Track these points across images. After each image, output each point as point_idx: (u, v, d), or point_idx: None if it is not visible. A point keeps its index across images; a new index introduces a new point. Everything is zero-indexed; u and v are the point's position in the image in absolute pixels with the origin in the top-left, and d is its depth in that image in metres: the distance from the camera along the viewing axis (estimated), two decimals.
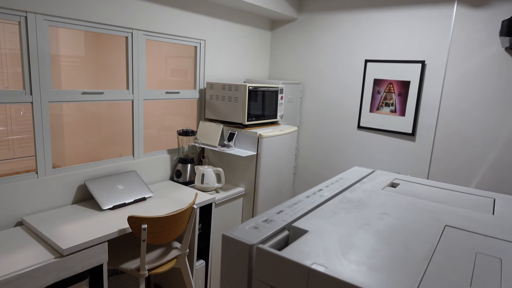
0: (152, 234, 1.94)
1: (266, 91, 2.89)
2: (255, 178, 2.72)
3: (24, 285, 1.53)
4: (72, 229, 1.86)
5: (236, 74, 3.38)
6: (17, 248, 1.71)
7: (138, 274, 1.96)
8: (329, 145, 3.49)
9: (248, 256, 0.88)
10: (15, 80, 3.36)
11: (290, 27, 3.61)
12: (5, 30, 3.30)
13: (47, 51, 2.00)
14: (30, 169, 2.08)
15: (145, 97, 2.58)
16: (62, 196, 2.17)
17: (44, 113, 2.04)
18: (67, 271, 1.69)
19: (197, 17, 2.85)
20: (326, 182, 1.40)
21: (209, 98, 2.93)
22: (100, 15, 2.20)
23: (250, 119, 2.76)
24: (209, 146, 2.80)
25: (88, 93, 2.24)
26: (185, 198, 2.43)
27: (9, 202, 1.94)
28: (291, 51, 3.63)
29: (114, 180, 2.34)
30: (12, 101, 1.90)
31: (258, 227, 0.96)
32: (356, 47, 3.22)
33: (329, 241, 0.91)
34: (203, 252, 2.61)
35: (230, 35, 3.21)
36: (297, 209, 1.10)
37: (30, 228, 1.91)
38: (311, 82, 3.54)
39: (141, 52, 2.49)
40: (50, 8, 1.96)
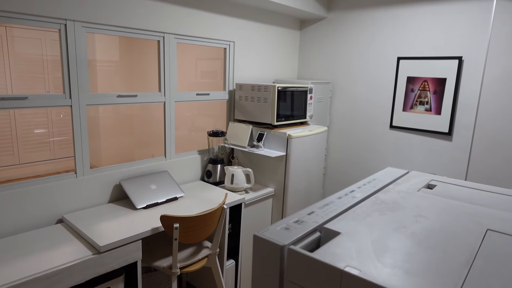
0: (184, 233, 1.97)
1: (295, 91, 2.87)
2: (284, 178, 2.71)
3: (64, 279, 1.61)
4: (109, 227, 1.94)
5: (265, 75, 3.38)
6: (58, 245, 1.80)
7: (170, 272, 2.01)
8: (360, 145, 3.41)
9: (280, 257, 0.87)
10: (55, 85, 3.55)
11: (319, 26, 3.57)
12: (47, 38, 3.49)
13: (85, 56, 2.10)
14: (70, 169, 2.18)
15: (176, 99, 2.64)
16: (99, 195, 2.27)
17: (82, 116, 2.14)
18: (104, 267, 1.75)
19: (226, 19, 2.88)
20: (358, 183, 1.37)
21: (238, 99, 2.95)
22: (134, 20, 2.28)
23: (279, 120, 2.76)
24: (238, 146, 2.82)
25: (123, 96, 2.32)
26: (215, 198, 2.46)
27: (51, 200, 2.05)
28: (321, 50, 3.59)
29: (147, 180, 2.41)
30: (53, 105, 2.01)
31: (289, 228, 0.95)
32: (388, 44, 3.13)
33: (362, 243, 0.89)
34: (233, 252, 2.63)
35: (259, 36, 3.22)
36: (328, 210, 1.08)
37: (70, 225, 2.01)
38: (341, 81, 3.48)
39: (172, 55, 2.55)
40: (87, 16, 2.05)
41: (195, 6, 2.63)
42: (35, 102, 1.93)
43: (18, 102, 1.87)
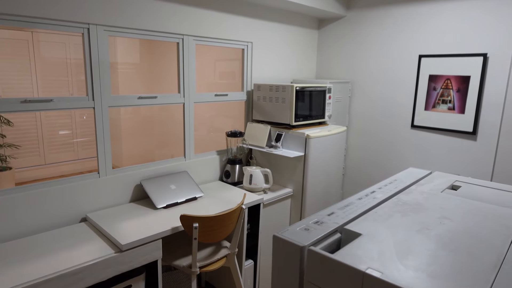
0: (203, 233, 1.99)
1: (314, 91, 2.85)
2: (303, 179, 2.69)
3: (87, 277, 1.65)
4: (130, 226, 1.97)
5: (283, 75, 3.38)
6: (82, 243, 1.85)
7: (190, 271, 2.03)
8: (380, 145, 3.36)
9: (299, 258, 0.87)
10: (79, 87, 3.66)
11: (338, 25, 3.53)
12: (70, 42, 3.60)
13: (107, 59, 2.15)
14: (93, 170, 2.24)
15: (195, 100, 2.67)
16: (120, 195, 2.31)
17: (105, 117, 2.19)
18: (125, 266, 1.79)
19: (244, 20, 2.89)
20: (379, 183, 1.35)
21: (256, 100, 2.96)
22: (154, 23, 2.31)
23: (297, 120, 2.74)
24: (256, 147, 2.82)
25: (143, 97, 2.36)
26: (234, 198, 2.47)
27: (75, 200, 2.11)
28: (339, 49, 3.55)
29: (167, 180, 2.44)
30: (77, 107, 2.06)
31: (309, 228, 0.95)
32: (409, 42, 3.06)
33: (384, 245, 0.88)
34: (252, 252, 2.63)
35: (277, 36, 3.21)
36: (349, 211, 1.07)
37: (93, 224, 2.06)
38: (361, 80, 3.43)
39: (191, 56, 2.58)
40: (109, 19, 2.10)
41: (214, 8, 2.65)
42: (60, 104, 1.99)
43: (44, 104, 1.93)
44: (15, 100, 1.83)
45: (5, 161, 3.28)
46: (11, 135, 3.44)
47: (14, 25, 1.80)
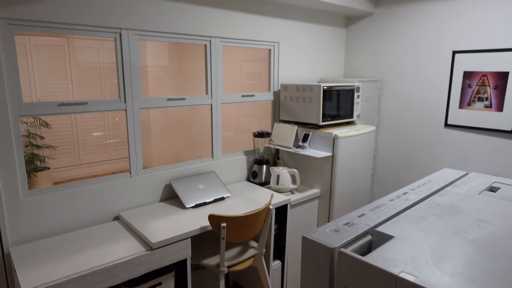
0: (231, 233, 2.01)
1: (342, 90, 2.80)
2: (331, 179, 2.66)
3: (120, 273, 1.71)
4: (160, 225, 2.02)
5: (310, 75, 3.34)
6: (115, 240, 1.91)
7: (218, 270, 2.05)
8: (411, 145, 3.25)
9: (330, 260, 0.86)
10: (111, 90, 3.79)
11: (366, 22, 3.45)
12: (103, 47, 3.74)
13: (138, 62, 2.21)
14: (124, 169, 2.31)
15: (223, 101, 2.69)
16: (151, 194, 2.38)
17: (136, 119, 2.25)
18: (156, 263, 1.84)
19: (270, 20, 2.89)
20: (411, 184, 1.30)
21: (283, 100, 2.95)
22: (182, 26, 2.36)
23: (325, 120, 2.71)
24: (283, 147, 2.81)
25: (172, 99, 2.41)
26: (261, 198, 2.47)
27: (108, 198, 2.18)
28: (368, 47, 3.47)
29: (195, 180, 2.48)
30: (110, 109, 2.14)
31: (339, 230, 0.93)
32: (442, 38, 2.95)
33: (418, 248, 0.85)
34: (279, 253, 2.63)
35: (303, 35, 3.19)
36: (380, 213, 1.04)
37: (125, 222, 2.13)
38: (391, 78, 3.34)
39: (218, 58, 2.61)
40: (140, 24, 2.16)
41: (240, 9, 2.67)
42: (94, 106, 2.07)
43: (79, 107, 2.02)
44: (52, 104, 1.93)
45: (43, 161, 3.45)
46: (49, 136, 3.61)
47: (53, 32, 1.89)
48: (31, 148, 3.40)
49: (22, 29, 1.80)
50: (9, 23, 1.74)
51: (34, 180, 3.24)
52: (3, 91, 1.75)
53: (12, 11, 1.73)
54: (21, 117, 1.86)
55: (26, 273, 1.59)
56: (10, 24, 1.75)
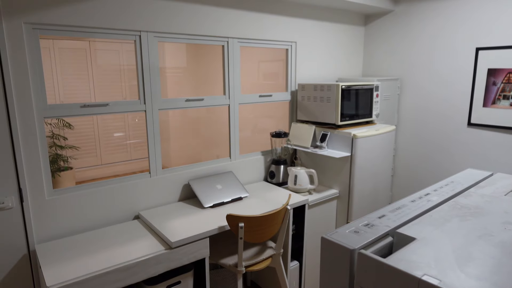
0: (249, 233, 2.01)
1: (360, 89, 2.77)
2: (349, 180, 2.62)
3: (140, 271, 1.74)
4: (179, 224, 2.05)
5: (328, 74, 3.31)
6: (135, 239, 1.95)
7: (236, 270, 2.06)
8: (432, 145, 3.17)
9: (349, 261, 0.84)
10: (131, 92, 3.87)
11: (386, 20, 3.39)
12: (123, 49, 3.82)
13: (157, 64, 2.25)
14: (144, 169, 2.35)
15: (240, 101, 2.70)
16: (170, 193, 2.41)
17: (155, 120, 2.29)
18: (175, 262, 1.86)
19: (288, 20, 2.88)
20: (434, 185, 1.27)
21: (300, 100, 2.93)
22: (200, 27, 2.38)
23: (343, 119, 2.68)
24: (301, 147, 2.79)
25: (191, 100, 2.44)
26: (279, 198, 2.46)
27: (128, 198, 2.23)
28: (387, 45, 3.41)
29: (213, 180, 2.50)
30: (130, 110, 2.18)
31: (359, 231, 0.92)
32: (464, 34, 2.87)
33: (441, 251, 0.82)
34: (297, 253, 2.61)
35: (321, 34, 3.16)
36: (401, 214, 1.02)
37: (145, 221, 2.16)
38: (411, 77, 3.27)
39: (236, 58, 2.62)
40: (158, 26, 2.19)
41: (257, 9, 2.67)
42: (115, 108, 2.11)
43: (101, 108, 2.06)
44: (75, 105, 1.98)
45: (66, 161, 3.55)
46: (71, 137, 3.72)
47: (76, 35, 1.94)
48: (55, 149, 3.50)
49: (47, 33, 1.86)
50: (34, 27, 1.80)
51: (58, 179, 3.34)
52: (28, 94, 1.81)
53: (37, 16, 1.78)
54: (46, 118, 1.92)
55: (50, 270, 1.63)
56: (35, 28, 1.80)
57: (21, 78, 1.78)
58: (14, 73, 1.76)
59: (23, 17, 1.75)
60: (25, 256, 1.90)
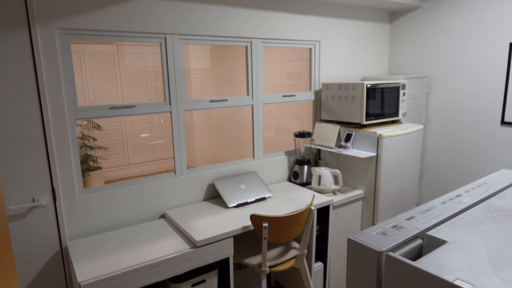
0: (272, 233, 2.01)
1: (386, 88, 2.70)
2: (375, 180, 2.57)
3: (166, 269, 1.77)
4: (204, 224, 2.07)
5: (352, 73, 3.26)
6: (161, 238, 1.99)
7: (260, 270, 2.06)
8: (462, 145, 3.06)
9: (377, 264, 0.83)
10: (156, 93, 3.96)
11: (412, 16, 3.30)
12: (149, 52, 3.91)
13: (182, 66, 2.29)
14: (169, 169, 2.39)
15: (264, 101, 2.71)
16: (195, 193, 2.44)
17: (180, 121, 2.33)
18: (200, 261, 1.88)
19: (311, 19, 2.86)
20: (465, 186, 1.23)
21: (324, 99, 2.90)
22: (223, 28, 2.40)
23: (368, 119, 2.63)
24: (325, 147, 2.76)
25: (215, 100, 2.46)
26: (303, 199, 2.45)
27: (154, 197, 2.28)
28: (414, 42, 3.32)
29: (237, 180, 2.52)
30: (156, 111, 2.23)
31: (387, 233, 0.90)
32: (496, 29, 2.74)
33: (474, 255, 0.79)
34: (321, 254, 2.58)
35: (345, 33, 3.12)
36: (431, 216, 0.99)
37: (171, 220, 2.20)
38: (439, 74, 3.16)
39: (259, 59, 2.63)
40: (183, 28, 2.23)
41: (280, 9, 2.67)
42: (142, 109, 2.17)
43: (128, 110, 2.12)
44: (104, 107, 2.04)
45: (96, 161, 3.67)
46: (100, 138, 3.84)
47: (105, 39, 2.00)
48: (85, 149, 3.63)
49: (77, 37, 1.93)
50: (66, 32, 1.87)
51: (88, 179, 3.46)
52: (61, 96, 1.89)
53: (68, 22, 1.86)
54: (77, 120, 1.99)
55: (81, 266, 1.70)
56: (67, 33, 1.88)
57: (54, 82, 1.86)
58: (47, 77, 1.84)
59: (55, 23, 1.82)
60: (58, 252, 1.98)
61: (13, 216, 1.83)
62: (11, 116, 1.77)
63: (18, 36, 1.74)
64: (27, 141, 1.82)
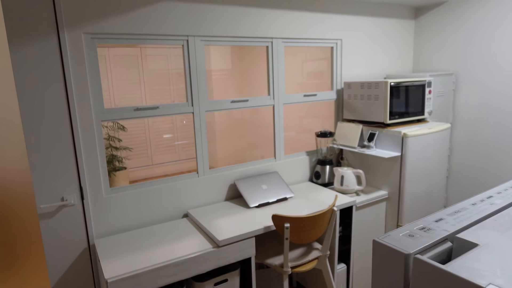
0: (294, 233, 2.00)
1: (411, 86, 2.64)
2: (399, 181, 2.51)
3: (190, 268, 1.80)
4: (226, 223, 2.08)
5: (375, 71, 3.20)
6: (184, 237, 2.02)
7: (282, 270, 2.05)
8: (492, 144, 2.94)
9: (404, 267, 0.80)
10: (178, 95, 4.02)
11: (438, 11, 3.20)
12: (171, 54, 3.97)
13: (203, 67, 2.31)
14: (192, 169, 2.42)
15: (285, 101, 2.69)
16: (217, 193, 2.46)
17: (202, 121, 2.35)
18: (222, 260, 1.90)
19: (333, 17, 2.82)
20: (497, 187, 1.18)
21: (347, 98, 2.86)
22: (244, 29, 2.41)
23: (392, 118, 2.57)
24: (347, 147, 2.72)
25: (236, 101, 2.47)
26: (325, 199, 2.42)
27: (177, 197, 2.31)
28: (440, 38, 3.22)
29: (259, 181, 2.52)
30: (179, 112, 2.26)
31: (414, 235, 0.87)
32: None
33: (508, 258, 0.76)
34: (344, 256, 2.55)
35: (368, 30, 3.06)
36: (461, 218, 0.95)
37: (193, 220, 2.23)
38: (467, 71, 3.05)
39: (280, 59, 2.62)
40: (205, 30, 2.25)
41: (301, 8, 2.65)
42: (165, 110, 2.20)
43: (152, 111, 2.16)
44: (129, 109, 2.09)
45: (121, 162, 3.77)
46: (125, 139, 3.94)
47: (130, 42, 2.05)
48: (110, 150, 3.73)
49: (103, 41, 1.99)
50: (92, 37, 1.93)
51: (114, 179, 3.56)
52: (88, 99, 1.95)
53: (94, 26, 1.91)
54: (103, 121, 2.05)
55: (108, 263, 1.74)
56: (93, 38, 1.93)
57: (81, 85, 1.92)
58: (75, 80, 1.90)
59: (82, 28, 1.88)
60: (86, 250, 2.04)
61: (44, 214, 1.90)
62: (41, 119, 1.84)
63: (48, 41, 1.80)
64: (56, 142, 1.89)
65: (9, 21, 1.71)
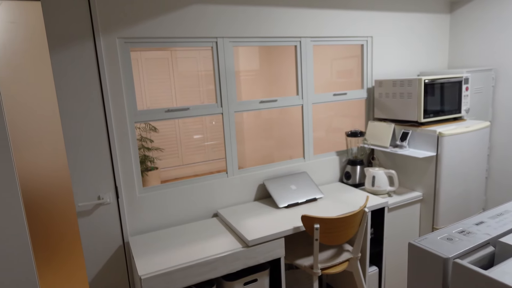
0: (324, 234, 1.97)
1: (446, 83, 2.53)
2: (435, 182, 2.41)
3: (219, 267, 1.82)
4: (255, 223, 2.09)
5: (408, 68, 3.10)
6: (214, 236, 2.04)
7: (312, 271, 2.03)
8: None
9: (442, 271, 0.77)
10: (208, 96, 4.08)
11: (475, 4, 3.05)
12: (200, 56, 4.04)
13: (232, 68, 2.33)
14: (221, 170, 2.45)
15: (314, 101, 2.67)
16: (246, 193, 2.48)
17: (231, 122, 2.37)
18: (252, 260, 1.90)
19: (362, 14, 2.76)
20: None
21: (378, 97, 2.78)
22: (272, 29, 2.41)
23: (427, 116, 2.47)
24: (379, 147, 2.65)
25: (265, 101, 2.48)
26: (355, 200, 2.37)
27: (207, 196, 2.34)
28: (478, 33, 3.06)
29: (288, 181, 2.50)
30: (208, 113, 2.29)
31: (453, 238, 0.84)
32: None
33: None
34: (376, 258, 2.48)
35: (400, 26, 2.97)
36: (504, 222, 0.90)
37: (223, 219, 2.25)
38: (508, 66, 2.89)
39: (309, 58, 2.59)
40: (233, 31, 2.27)
41: (329, 6, 2.61)
42: (195, 111, 2.24)
43: (182, 112, 2.21)
44: (161, 110, 2.15)
45: (153, 162, 3.87)
46: (156, 140, 4.04)
47: (161, 45, 2.11)
48: (143, 150, 3.85)
49: (136, 45, 2.05)
50: (126, 41, 2.00)
51: (146, 178, 3.66)
52: (122, 101, 2.02)
53: (127, 31, 1.98)
54: (136, 123, 2.11)
55: (141, 260, 1.80)
56: (127, 42, 2.00)
57: (116, 88, 1.99)
58: (110, 83, 1.97)
59: (116, 33, 1.95)
60: (121, 247, 2.11)
61: (81, 212, 1.99)
62: (79, 120, 1.92)
63: (85, 46, 1.88)
64: (93, 143, 1.97)
65: (50, 28, 1.80)
